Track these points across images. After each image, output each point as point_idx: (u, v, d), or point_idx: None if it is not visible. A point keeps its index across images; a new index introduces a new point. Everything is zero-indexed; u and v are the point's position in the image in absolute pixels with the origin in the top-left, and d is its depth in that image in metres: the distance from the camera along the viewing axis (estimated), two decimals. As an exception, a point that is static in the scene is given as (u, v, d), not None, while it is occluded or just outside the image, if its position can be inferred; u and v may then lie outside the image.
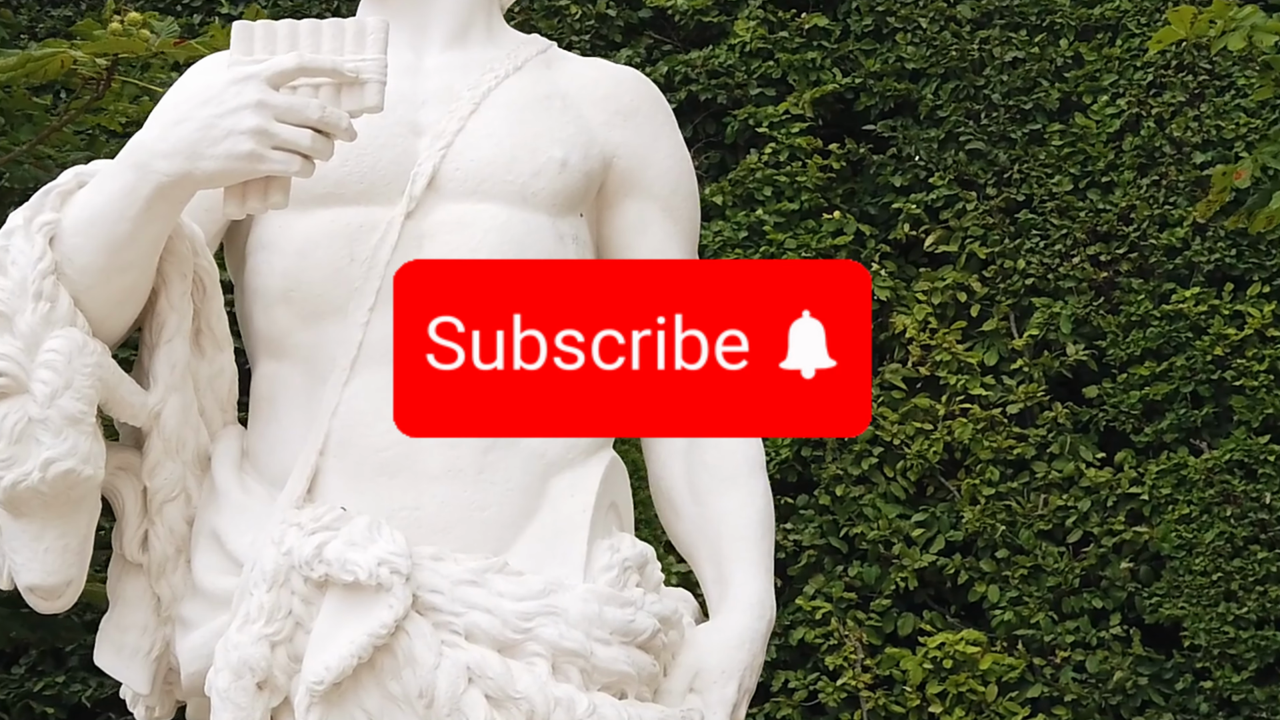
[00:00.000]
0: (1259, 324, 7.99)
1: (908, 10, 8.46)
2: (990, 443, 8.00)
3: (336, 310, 3.08)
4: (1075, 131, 8.28)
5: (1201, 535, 7.86)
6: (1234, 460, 7.91)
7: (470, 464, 3.02)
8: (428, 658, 2.87)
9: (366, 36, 2.97)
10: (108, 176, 2.98)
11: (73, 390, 2.93)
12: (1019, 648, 7.88)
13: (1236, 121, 8.19)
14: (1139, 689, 7.85)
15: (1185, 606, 7.84)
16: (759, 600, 3.16)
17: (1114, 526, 7.95)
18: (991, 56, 8.37)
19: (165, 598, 3.13)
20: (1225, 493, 7.89)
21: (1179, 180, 8.18)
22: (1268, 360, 7.97)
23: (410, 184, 3.11)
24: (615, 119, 3.28)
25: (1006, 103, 8.32)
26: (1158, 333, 8.03)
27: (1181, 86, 8.28)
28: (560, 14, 8.66)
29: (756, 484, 3.27)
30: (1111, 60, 8.34)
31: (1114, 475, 7.99)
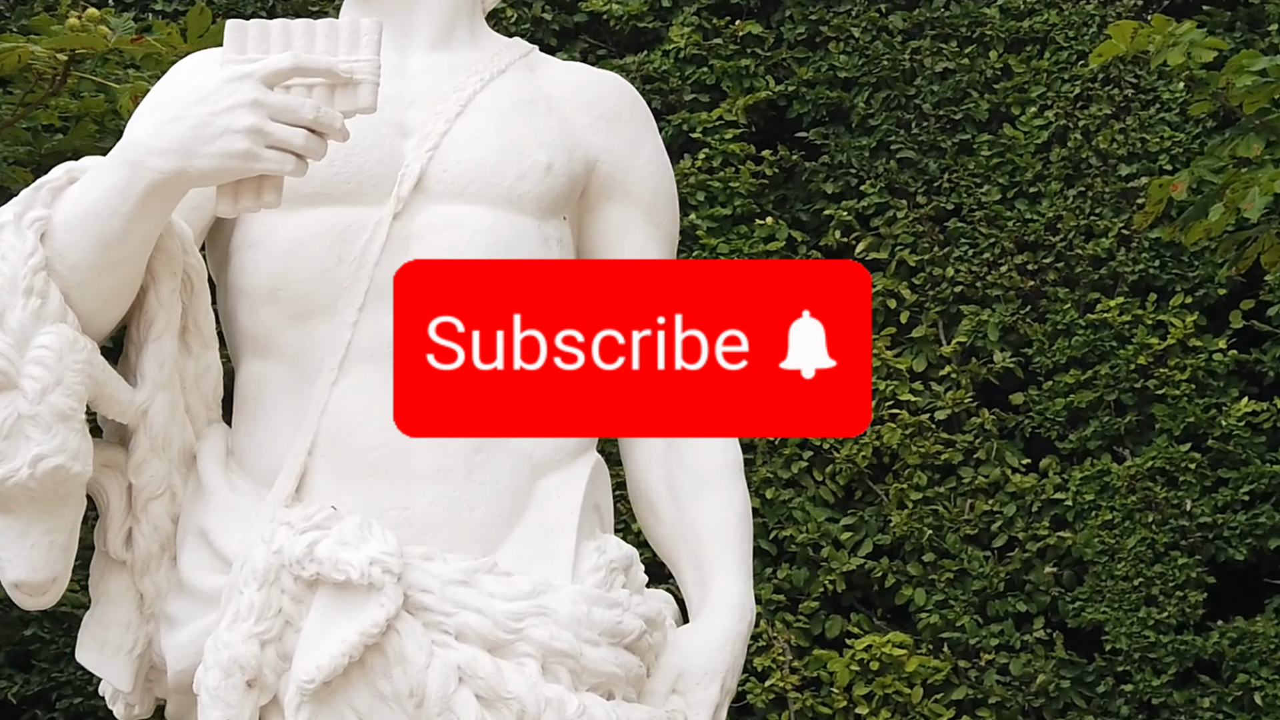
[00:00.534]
0: (1181, 334, 8.09)
1: (840, 19, 8.51)
2: (918, 448, 8.07)
3: (324, 310, 3.07)
4: (1004, 142, 8.36)
5: (1123, 541, 7.96)
6: (1155, 468, 8.01)
7: (459, 464, 3.02)
8: (418, 657, 2.86)
9: (360, 37, 2.97)
10: (100, 173, 2.96)
11: (63, 386, 2.90)
12: (944, 650, 7.95)
13: (1161, 135, 8.30)
14: (1061, 692, 7.94)
15: (1107, 611, 7.93)
16: (740, 602, 3.17)
17: (1038, 531, 8.03)
18: (922, 67, 8.44)
19: (149, 595, 3.11)
20: (1147, 499, 7.99)
21: (1105, 192, 8.27)
22: (1189, 370, 8.08)
23: (397, 185, 3.10)
24: (599, 123, 3.29)
25: (937, 112, 8.39)
26: (1083, 341, 8.12)
27: (1108, 100, 8.37)
28: (496, 17, 8.64)
29: (736, 487, 3.29)
30: (1040, 73, 8.43)
31: (1039, 481, 8.08)
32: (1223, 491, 8.01)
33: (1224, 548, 7.99)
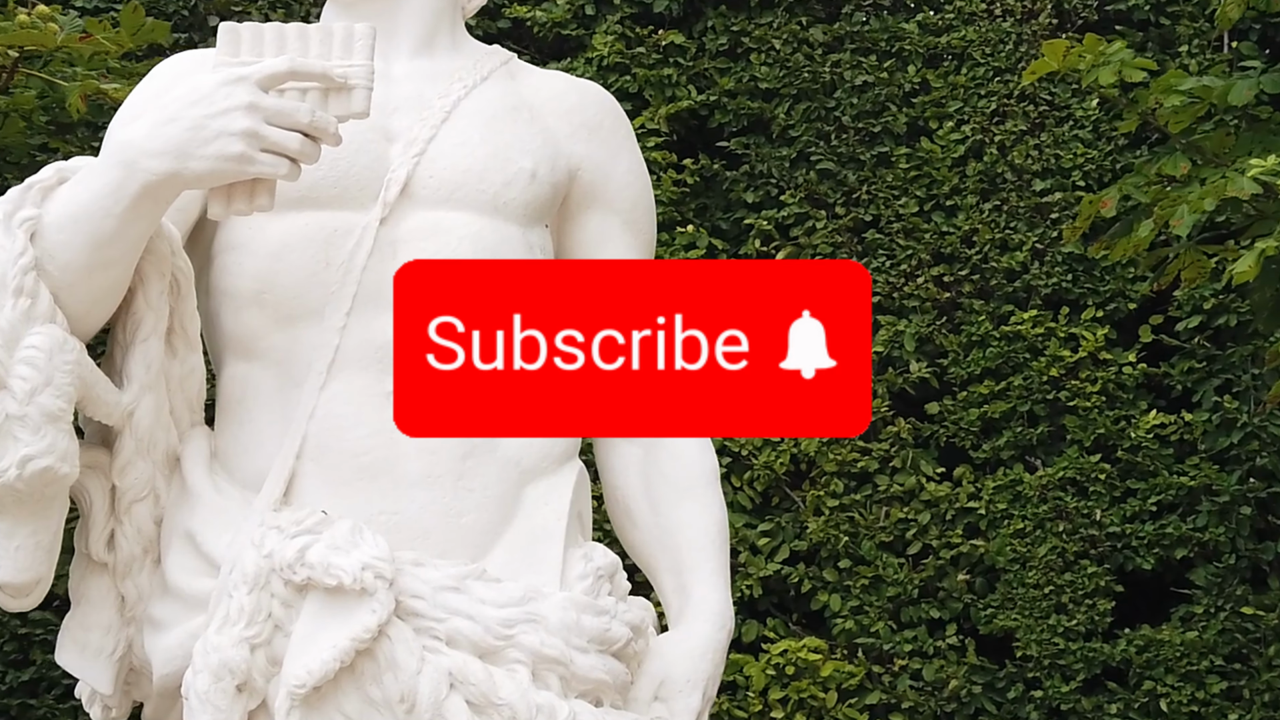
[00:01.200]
0: (1092, 347, 8.19)
1: (762, 31, 8.54)
2: (835, 456, 8.12)
3: (311, 314, 3.05)
4: (921, 155, 8.42)
5: (1034, 549, 8.04)
6: (1066, 478, 8.10)
7: (449, 470, 3.00)
8: (409, 663, 2.85)
9: (354, 42, 2.95)
10: (93, 173, 2.92)
11: (53, 387, 2.87)
12: (859, 655, 7.99)
13: (1075, 152, 8.39)
14: (973, 697, 8.01)
15: (1018, 618, 8.01)
16: (720, 610, 3.19)
17: (952, 539, 8.10)
18: (842, 79, 8.49)
19: (130, 597, 3.07)
20: (1058, 509, 8.08)
21: (1020, 206, 8.36)
22: (1100, 382, 8.18)
23: (384, 190, 3.09)
24: (580, 132, 3.30)
25: (856, 125, 8.45)
26: (997, 353, 8.20)
27: (1023, 116, 8.46)
28: (419, 21, 8.60)
29: (713, 495, 3.30)
30: (957, 88, 8.50)
31: (952, 490, 8.14)
32: (1131, 502, 8.11)
33: (1132, 557, 8.09)
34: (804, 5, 8.63)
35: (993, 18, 8.57)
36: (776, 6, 8.62)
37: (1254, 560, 8.10)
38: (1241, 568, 8.08)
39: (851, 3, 8.64)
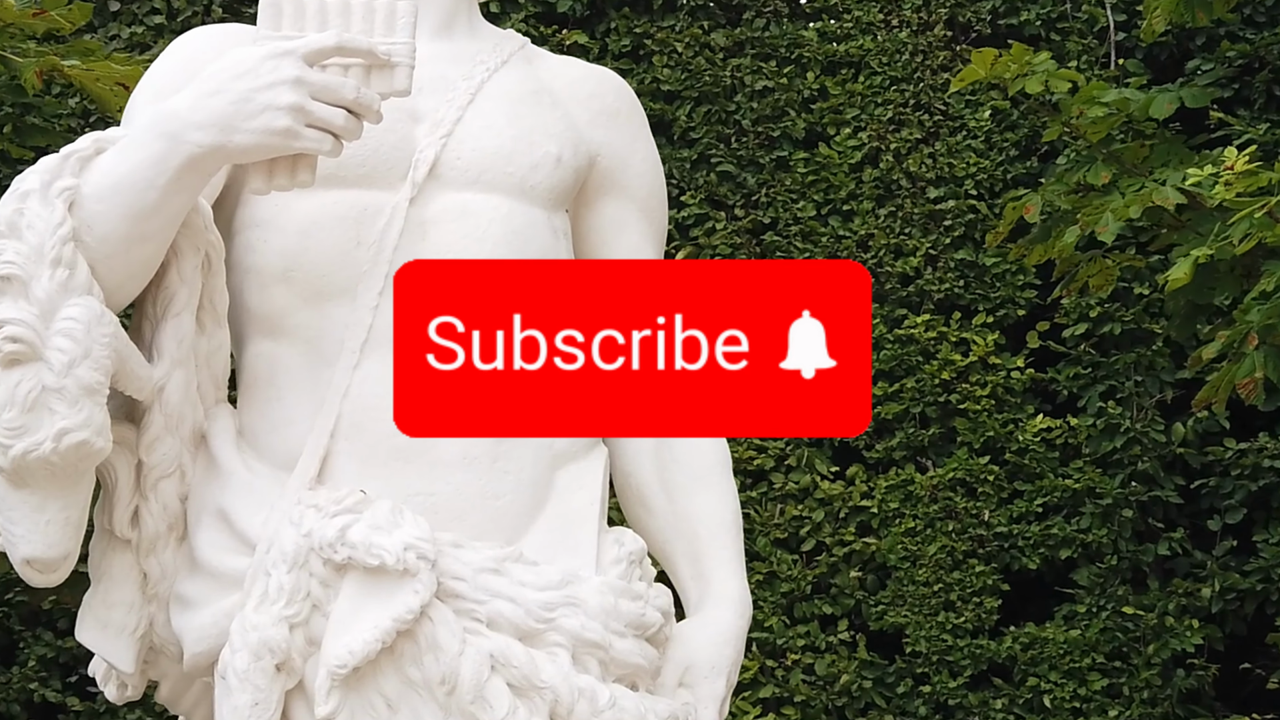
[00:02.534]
0: (983, 351, 8.28)
1: (664, 34, 8.54)
2: (731, 453, 8.09)
3: (342, 292, 2.98)
4: (819, 160, 8.47)
5: (925, 548, 8.11)
6: (956, 478, 8.19)
7: (485, 453, 2.95)
8: (451, 644, 2.79)
9: (397, 20, 2.89)
10: (134, 144, 2.83)
11: (91, 360, 2.78)
12: (753, 650, 8.01)
13: (967, 161, 8.48)
14: (863, 691, 8.06)
15: (908, 615, 8.08)
16: (741, 598, 3.16)
17: (845, 537, 8.15)
18: (743, 84, 8.51)
19: (153, 575, 2.98)
20: (948, 509, 8.16)
21: (914, 213, 8.43)
22: (990, 386, 8.27)
23: (412, 170, 3.03)
24: (600, 118, 3.26)
25: (756, 129, 8.47)
26: (890, 355, 8.26)
27: (918, 125, 8.54)
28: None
29: (728, 483, 3.28)
30: (854, 95, 8.56)
31: (846, 489, 8.19)
32: (1018, 503, 8.21)
33: (1018, 557, 8.19)
34: (706, 9, 8.65)
35: (890, 28, 8.64)
36: (679, 10, 8.62)
37: (1135, 561, 8.23)
38: (1123, 569, 8.21)
39: (752, 9, 8.67)
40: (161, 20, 8.34)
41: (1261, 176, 5.05)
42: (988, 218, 8.45)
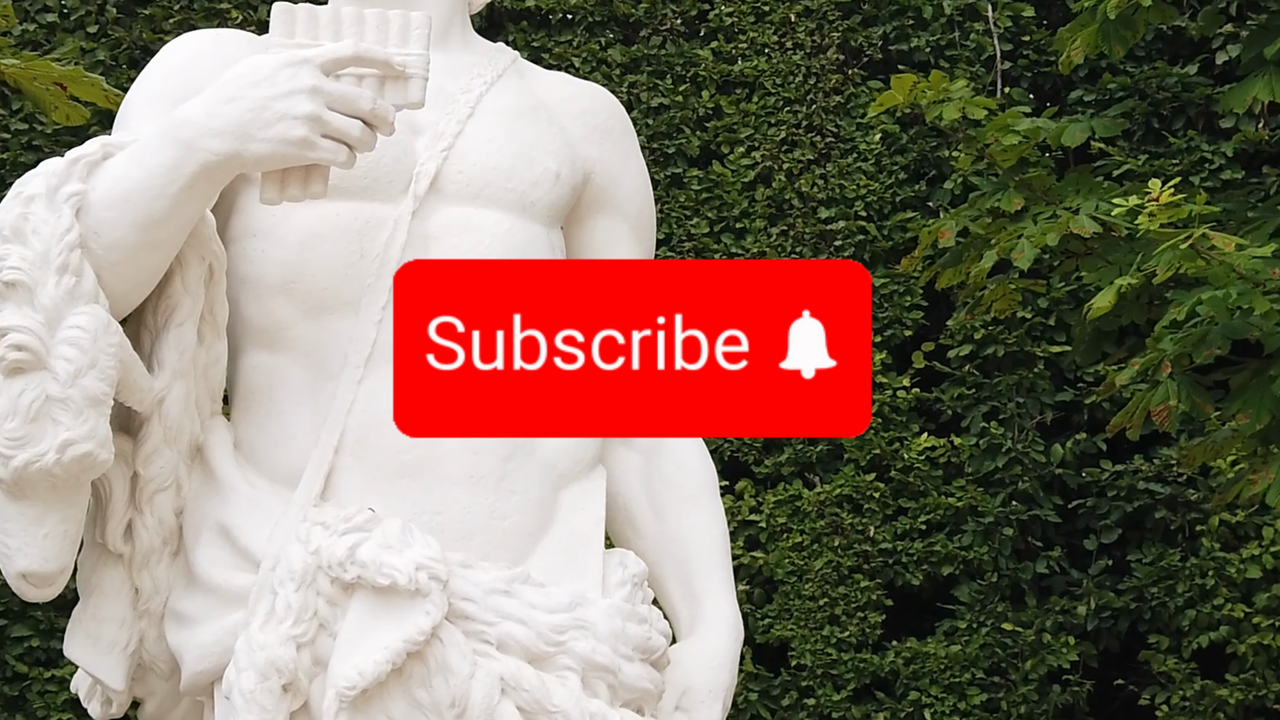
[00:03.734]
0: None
1: (562, 49, 8.48)
2: (623, 466, 8.07)
3: (346, 306, 2.90)
4: (713, 178, 8.45)
5: (811, 563, 8.12)
6: (843, 495, 8.21)
7: (491, 471, 2.88)
8: (462, 667, 2.71)
9: (411, 31, 2.82)
10: (146, 150, 2.74)
11: (97, 370, 2.68)
12: (641, 662, 7.96)
13: (858, 183, 8.51)
14: (749, 704, 8.05)
15: (794, 628, 8.08)
16: (734, 622, 3.12)
17: (733, 551, 8.12)
18: (639, 100, 8.47)
19: (146, 590, 2.88)
20: (834, 524, 8.17)
21: (805, 232, 8.44)
22: (876, 404, 8.30)
23: (414, 183, 2.96)
24: (593, 135, 3.20)
25: (651, 145, 8.43)
26: (780, 372, 8.25)
27: (810, 146, 8.55)
28: (220, 16, 8.34)
29: (716, 505, 3.23)
30: (749, 115, 8.56)
31: (735, 503, 8.18)
32: (902, 520, 8.25)
33: (902, 572, 8.23)
34: (603, 26, 8.60)
35: (784, 50, 8.65)
36: (576, 25, 8.57)
37: (1014, 579, 8.30)
38: (1002, 585, 8.28)
39: (649, 27, 8.64)
40: (54, 19, 8.14)
41: (1184, 209, 5.11)
42: (876, 239, 8.48)
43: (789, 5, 8.66)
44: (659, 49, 8.58)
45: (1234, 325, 5.30)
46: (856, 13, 8.74)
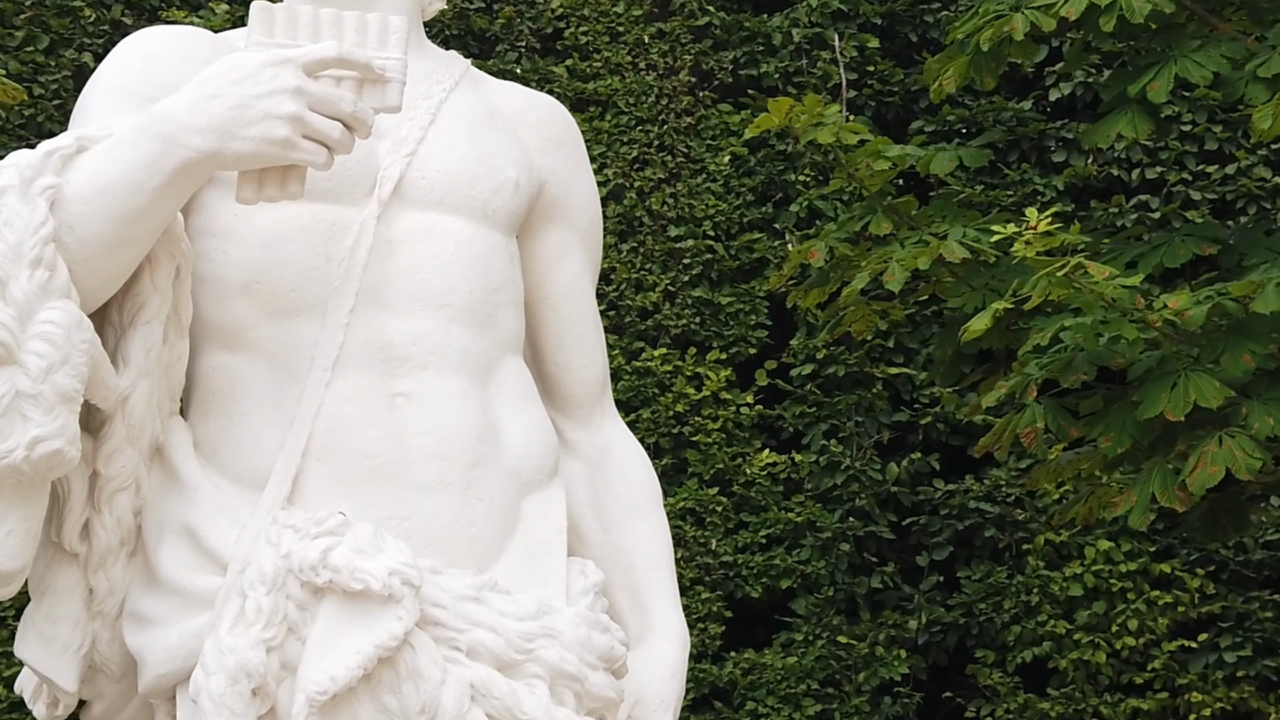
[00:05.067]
0: (715, 387, 8.34)
1: (419, 60, 8.39)
2: (472, 475, 8.00)
3: (312, 308, 2.82)
4: (566, 194, 8.41)
5: (654, 574, 8.10)
6: (686, 508, 8.22)
7: (459, 479, 2.82)
8: (433, 673, 2.65)
9: (389, 35, 2.77)
10: (125, 145, 2.64)
11: (69, 366, 2.57)
12: (486, 669, 7.89)
13: (706, 203, 8.54)
14: (591, 712, 8.01)
15: (636, 638, 8.06)
16: (682, 632, 3.08)
17: (578, 561, 8.09)
18: (494, 114, 8.41)
19: (100, 591, 2.78)
20: (677, 537, 8.17)
21: (655, 249, 8.45)
22: (720, 420, 8.33)
23: (378, 187, 2.90)
24: (547, 145, 3.16)
25: (505, 159, 8.38)
26: (628, 386, 8.25)
27: (661, 165, 8.57)
28: (73, 14, 8.13)
29: (660, 514, 3.20)
30: (601, 133, 8.54)
31: (581, 514, 8.14)
32: (743, 534, 8.28)
33: (742, 585, 8.26)
34: (460, 40, 8.54)
35: (637, 70, 8.65)
36: (433, 39, 8.47)
37: (850, 593, 8.38)
38: (838, 599, 8.35)
39: (505, 42, 8.59)
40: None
41: (1058, 237, 5.19)
42: (724, 258, 8.52)
43: (643, 27, 8.67)
44: (514, 65, 8.54)
45: (1099, 352, 5.39)
46: (708, 36, 8.77)
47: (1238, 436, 5.14)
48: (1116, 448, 5.34)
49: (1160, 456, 5.34)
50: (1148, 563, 8.47)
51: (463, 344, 2.88)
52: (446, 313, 2.87)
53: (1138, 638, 8.37)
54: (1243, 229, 6.09)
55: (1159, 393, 5.22)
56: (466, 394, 2.86)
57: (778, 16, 8.89)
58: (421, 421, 2.81)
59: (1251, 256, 5.71)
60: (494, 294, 2.94)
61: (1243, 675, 8.38)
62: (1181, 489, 5.20)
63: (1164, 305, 5.19)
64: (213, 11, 8.25)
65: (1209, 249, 5.83)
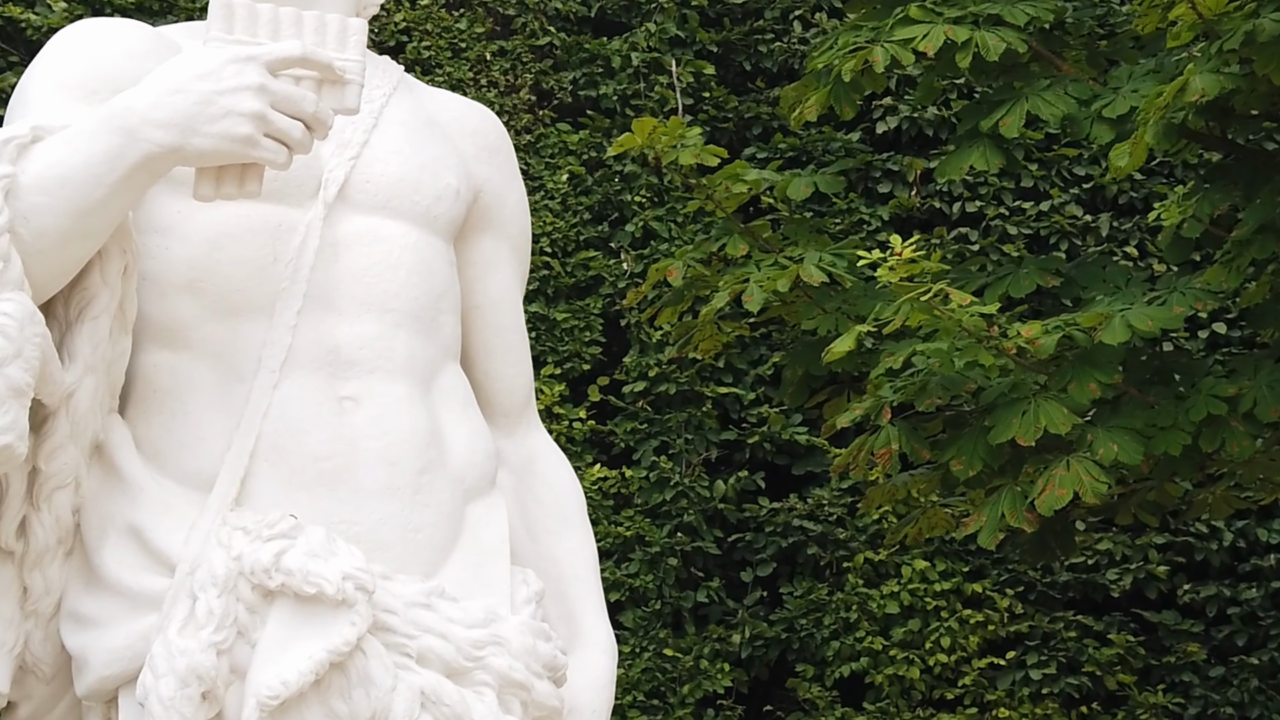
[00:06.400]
0: (549, 401, 8.30)
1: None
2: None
3: (259, 309, 2.74)
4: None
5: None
6: (518, 520, 8.16)
7: (407, 484, 2.75)
8: (384, 679, 2.58)
9: (349, 36, 2.70)
10: (84, 136, 2.54)
11: (22, 360, 2.46)
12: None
13: (544, 220, 8.51)
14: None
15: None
16: (610, 642, 3.04)
17: (411, 571, 8.00)
18: (336, 125, 8.30)
19: (35, 590, 2.66)
20: (509, 548, 8.11)
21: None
22: (554, 434, 8.29)
23: (323, 189, 2.83)
24: (483, 154, 3.11)
25: (347, 170, 8.26)
26: (464, 399, 8.18)
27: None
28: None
29: (586, 525, 3.15)
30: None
31: (415, 524, 8.05)
32: (574, 546, 8.24)
33: (572, 597, 8.22)
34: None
35: (479, 87, 8.60)
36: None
37: (676, 606, 8.39)
38: (665, 613, 8.36)
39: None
40: None
41: (920, 264, 5.26)
42: (560, 275, 8.50)
43: (485, 44, 8.62)
44: (357, 76, 8.42)
45: (953, 377, 5.47)
46: (549, 56, 8.75)
47: (1084, 461, 5.25)
48: (968, 470, 5.42)
49: (1010, 479, 5.42)
50: (961, 582, 8.62)
51: (409, 349, 2.82)
52: (392, 317, 2.81)
53: (950, 654, 8.51)
54: (1082, 263, 6.22)
55: (1010, 418, 5.31)
56: (413, 399, 2.80)
57: (617, 40, 8.90)
58: (370, 426, 2.74)
59: (1090, 290, 5.85)
60: (438, 300, 2.89)
61: (1047, 692, 8.56)
62: (1030, 510, 5.29)
63: (1018, 333, 5.28)
64: (50, 8, 8.02)
65: (1052, 281, 5.95)
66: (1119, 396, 5.55)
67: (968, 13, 5.78)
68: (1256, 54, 4.83)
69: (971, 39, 5.69)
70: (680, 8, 9.00)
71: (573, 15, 8.91)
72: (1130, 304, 5.46)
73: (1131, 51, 6.28)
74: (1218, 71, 4.94)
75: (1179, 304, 5.44)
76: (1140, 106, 5.45)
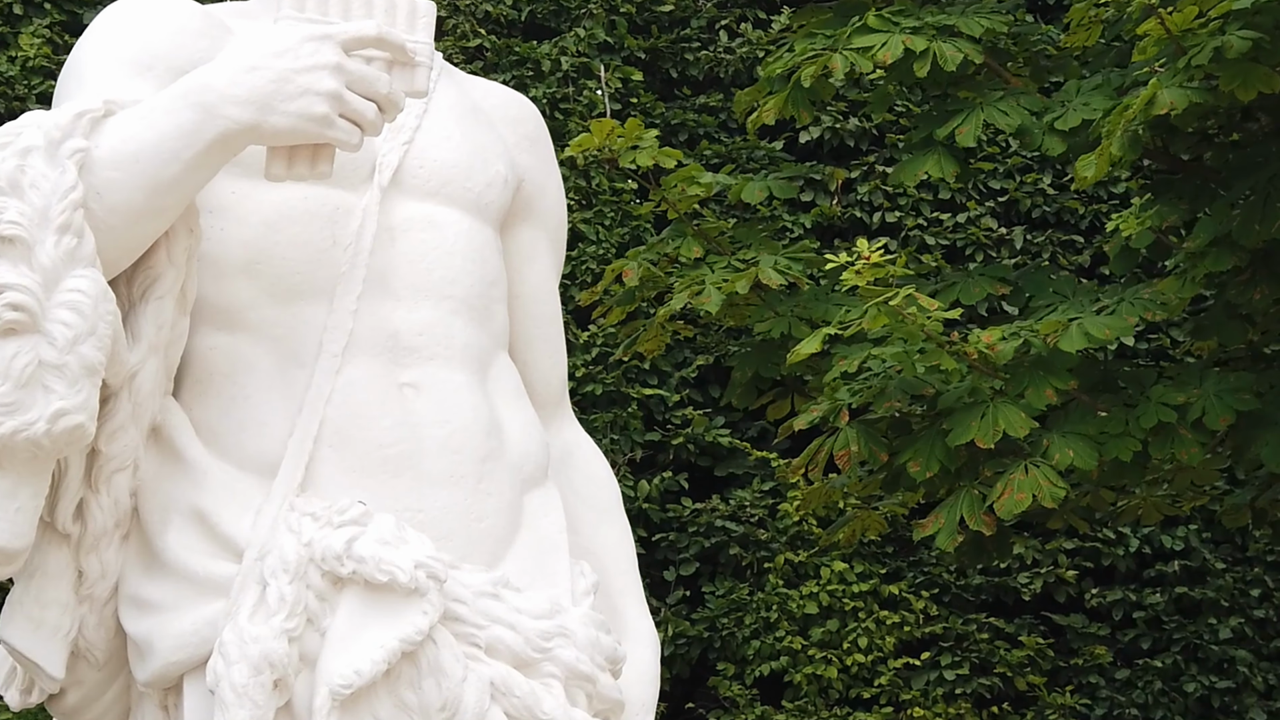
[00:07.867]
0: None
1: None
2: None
3: (318, 292, 2.64)
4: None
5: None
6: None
7: (470, 472, 2.65)
8: (455, 669, 2.48)
9: (418, 19, 2.62)
10: (159, 111, 2.43)
11: (95, 338, 2.35)
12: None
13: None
14: None
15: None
16: (655, 637, 2.97)
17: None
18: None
19: (91, 574, 2.53)
20: (437, 546, 8.00)
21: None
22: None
23: (377, 174, 2.73)
24: (524, 143, 3.03)
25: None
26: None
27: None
28: None
29: (624, 518, 3.08)
30: (375, 145, 8.34)
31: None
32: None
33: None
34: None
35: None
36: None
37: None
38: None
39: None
40: None
41: (886, 269, 5.23)
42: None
43: (417, 44, 8.49)
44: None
45: (911, 380, 5.45)
46: (480, 59, 8.65)
47: (1042, 466, 5.25)
48: (925, 472, 5.41)
49: (968, 482, 5.42)
50: (878, 584, 8.62)
51: (465, 337, 2.73)
52: (449, 304, 2.72)
53: (867, 654, 8.51)
54: (1032, 271, 6.24)
55: (969, 421, 5.30)
56: (472, 387, 2.71)
57: (547, 44, 8.82)
58: (433, 413, 2.65)
59: (1038, 298, 5.86)
60: (490, 288, 2.80)
61: (960, 692, 8.59)
62: (989, 513, 5.29)
63: (979, 339, 5.28)
64: None
65: (1002, 289, 5.96)
66: (1069, 402, 5.56)
67: (924, 24, 5.77)
68: (1222, 70, 4.86)
69: (929, 49, 5.68)
70: (609, 14, 8.94)
71: (503, 19, 8.82)
72: (1080, 312, 5.48)
73: (1075, 65, 6.31)
74: (1183, 86, 4.96)
75: (1128, 313, 5.46)
76: (1095, 120, 5.48)
